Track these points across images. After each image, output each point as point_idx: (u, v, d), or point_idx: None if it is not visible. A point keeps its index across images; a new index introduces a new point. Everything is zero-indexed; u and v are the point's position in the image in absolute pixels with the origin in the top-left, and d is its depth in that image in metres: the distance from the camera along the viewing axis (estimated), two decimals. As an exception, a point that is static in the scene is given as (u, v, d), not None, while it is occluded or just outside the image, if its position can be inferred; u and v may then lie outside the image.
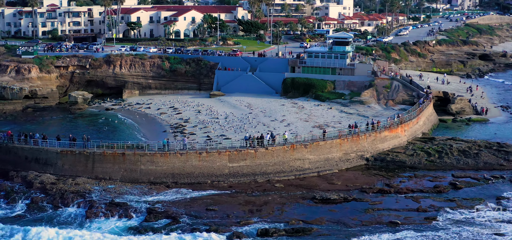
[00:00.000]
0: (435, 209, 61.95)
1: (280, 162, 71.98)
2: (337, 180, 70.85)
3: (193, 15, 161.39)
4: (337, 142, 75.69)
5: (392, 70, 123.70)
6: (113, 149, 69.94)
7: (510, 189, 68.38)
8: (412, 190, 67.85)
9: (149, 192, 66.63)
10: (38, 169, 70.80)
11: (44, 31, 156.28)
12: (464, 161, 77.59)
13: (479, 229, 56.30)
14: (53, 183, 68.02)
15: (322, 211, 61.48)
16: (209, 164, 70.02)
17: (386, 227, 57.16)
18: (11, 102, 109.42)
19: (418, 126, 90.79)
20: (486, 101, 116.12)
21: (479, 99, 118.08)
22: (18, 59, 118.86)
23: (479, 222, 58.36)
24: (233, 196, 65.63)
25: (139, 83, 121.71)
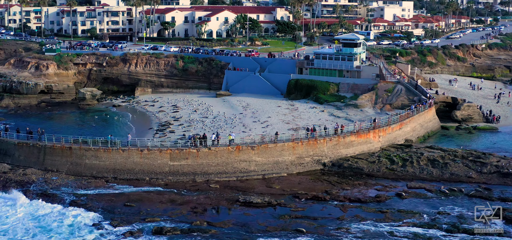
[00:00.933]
0: (359, 220, 58.31)
1: (223, 163, 70.83)
2: (277, 184, 68.66)
3: (226, 15, 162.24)
4: (289, 145, 73.31)
5: (406, 74, 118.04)
6: (61, 143, 71.73)
7: (456, 204, 62.84)
8: (349, 198, 64.34)
9: (86, 186, 67.91)
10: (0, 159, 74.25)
11: (83, 30, 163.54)
12: (429, 171, 72.55)
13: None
14: (5, 172, 71.19)
15: (235, 214, 59.81)
16: (150, 161, 70.26)
17: (288, 235, 54.66)
18: (26, 97, 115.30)
19: (402, 132, 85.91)
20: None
21: (505, 106, 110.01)
22: (40, 56, 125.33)
23: (388, 236, 54.25)
24: (160, 194, 65.48)
25: (152, 81, 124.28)
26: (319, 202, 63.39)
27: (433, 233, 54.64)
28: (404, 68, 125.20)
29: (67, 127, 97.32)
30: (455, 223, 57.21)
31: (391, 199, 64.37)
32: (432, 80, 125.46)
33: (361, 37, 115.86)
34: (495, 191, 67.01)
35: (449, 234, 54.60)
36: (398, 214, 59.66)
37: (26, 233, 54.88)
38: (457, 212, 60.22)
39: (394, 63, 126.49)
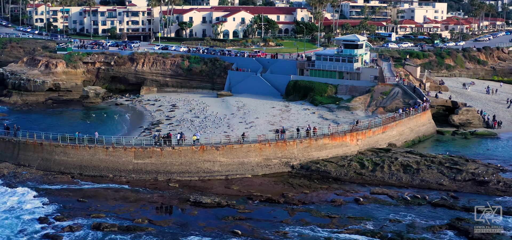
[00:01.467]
0: (302, 224, 57.06)
1: (187, 162, 70.72)
2: (236, 185, 67.98)
3: (242, 16, 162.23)
4: (256, 146, 72.46)
5: (414, 76, 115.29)
6: (34, 139, 73.37)
7: (413, 212, 60.55)
8: (303, 202, 63.02)
9: (52, 181, 69.24)
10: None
11: (104, 29, 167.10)
12: (399, 177, 70.21)
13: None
14: (-20, 166, 73.26)
15: (179, 214, 59.75)
16: (115, 159, 70.91)
17: (223, 235, 54.08)
18: (34, 94, 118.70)
19: (385, 136, 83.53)
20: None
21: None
22: (51, 54, 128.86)
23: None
24: (117, 191, 65.99)
25: (157, 81, 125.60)
26: (271, 204, 62.22)
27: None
28: (413, 70, 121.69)
29: (64, 124, 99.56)
30: (401, 231, 55.03)
31: (348, 204, 62.48)
32: (441, 83, 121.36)
33: (361, 39, 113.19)
34: (463, 199, 63.97)
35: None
36: (346, 220, 57.93)
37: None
38: (409, 221, 57.85)
39: (403, 65, 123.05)
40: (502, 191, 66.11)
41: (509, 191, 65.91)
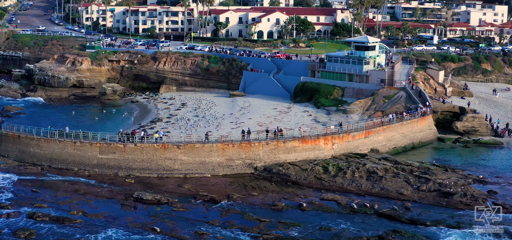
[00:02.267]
0: (229, 226, 56.30)
1: (148, 159, 71.53)
2: (189, 184, 67.99)
3: (277, 17, 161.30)
4: (218, 146, 72.04)
5: (436, 80, 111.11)
6: (13, 131, 76.90)
7: (351, 221, 57.97)
8: (252, 204, 62.09)
9: (22, 172, 72.08)
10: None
11: (144, 29, 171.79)
12: (359, 183, 67.49)
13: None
14: (-37, 156, 77.70)
15: (114, 208, 60.52)
16: (82, 153, 72.92)
17: (141, 231, 54.46)
18: (58, 90, 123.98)
19: (368, 141, 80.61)
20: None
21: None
22: (78, 52, 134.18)
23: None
24: (73, 184, 67.81)
25: (176, 80, 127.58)
26: (211, 204, 61.70)
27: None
28: (435, 74, 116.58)
29: (74, 119, 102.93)
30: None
31: (289, 209, 60.78)
32: (465, 88, 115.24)
33: (373, 40, 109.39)
34: (416, 211, 60.47)
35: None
36: (274, 225, 56.49)
37: None
38: (340, 229, 55.49)
39: (424, 69, 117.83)
40: (465, 204, 61.75)
41: (472, 204, 61.27)
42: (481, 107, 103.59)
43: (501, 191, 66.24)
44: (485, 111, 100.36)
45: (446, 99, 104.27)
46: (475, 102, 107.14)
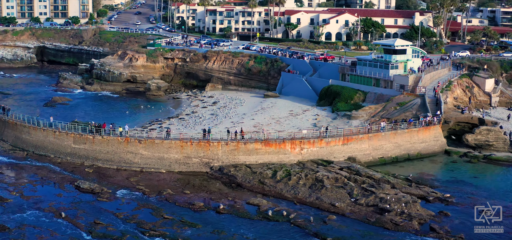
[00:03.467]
0: (129, 220, 57.51)
1: (112, 152, 74.53)
2: (135, 178, 69.90)
3: (346, 18, 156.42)
4: (177, 143, 73.01)
5: (482, 88, 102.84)
6: (12, 119, 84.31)
7: (255, 228, 56.13)
8: (167, 200, 62.89)
9: (9, 155, 79.01)
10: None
11: (221, 28, 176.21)
12: (297, 191, 64.89)
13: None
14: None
15: (49, 193, 64.14)
16: (60, 142, 78.01)
17: (52, 215, 57.59)
18: (112, 84, 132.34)
19: (347, 148, 76.52)
20: None
21: None
22: (138, 49, 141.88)
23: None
24: (39, 168, 73.37)
25: (222, 79, 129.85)
26: (139, 199, 62.99)
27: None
28: (481, 82, 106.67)
29: (111, 111, 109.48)
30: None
31: (206, 211, 60.19)
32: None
33: (402, 43, 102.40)
34: (336, 224, 56.84)
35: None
36: (173, 222, 56.48)
37: None
38: (232, 234, 54.08)
39: (470, 76, 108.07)
40: (394, 224, 56.50)
41: (403, 226, 55.99)
42: (492, 119, 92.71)
43: (454, 215, 59.49)
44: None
45: (486, 109, 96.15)
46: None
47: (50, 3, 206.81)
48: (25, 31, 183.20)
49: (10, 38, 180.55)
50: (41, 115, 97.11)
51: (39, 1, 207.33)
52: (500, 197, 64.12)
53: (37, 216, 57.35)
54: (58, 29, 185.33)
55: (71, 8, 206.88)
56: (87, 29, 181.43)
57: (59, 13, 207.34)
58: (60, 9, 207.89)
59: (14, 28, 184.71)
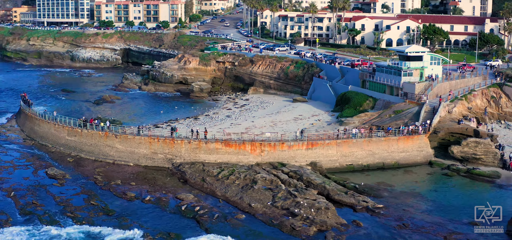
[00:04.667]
0: (56, 202, 63.83)
1: (94, 144, 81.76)
2: (102, 169, 76.08)
3: (407, 25, 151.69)
4: (146, 140, 78.47)
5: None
6: (30, 112, 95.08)
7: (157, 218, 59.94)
8: (109, 190, 68.57)
9: (19, 142, 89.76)
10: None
11: (291, 33, 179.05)
12: (227, 190, 67.37)
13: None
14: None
15: (18, 177, 72.42)
16: (57, 133, 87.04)
17: (5, 194, 65.70)
18: (164, 85, 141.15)
19: (310, 153, 76.84)
20: None
21: None
22: (193, 52, 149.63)
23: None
24: (31, 155, 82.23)
25: (264, 82, 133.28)
26: (87, 188, 69.12)
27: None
28: (510, 92, 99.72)
29: (147, 109, 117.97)
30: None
31: (135, 200, 64.95)
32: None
33: (416, 49, 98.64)
34: (231, 225, 58.78)
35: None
36: (90, 207, 61.77)
37: None
38: (134, 220, 58.32)
39: (501, 86, 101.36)
40: (292, 228, 57.17)
41: (298, 231, 56.55)
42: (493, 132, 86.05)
43: (366, 225, 58.32)
44: None
45: (509, 121, 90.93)
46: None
47: (143, 8, 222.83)
48: (114, 34, 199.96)
49: (100, 41, 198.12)
50: (87, 112, 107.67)
51: (134, 6, 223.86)
52: (435, 213, 61.12)
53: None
54: (144, 33, 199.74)
55: (162, 13, 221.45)
56: (168, 33, 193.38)
57: (151, 17, 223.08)
58: (152, 13, 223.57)
59: (105, 31, 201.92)
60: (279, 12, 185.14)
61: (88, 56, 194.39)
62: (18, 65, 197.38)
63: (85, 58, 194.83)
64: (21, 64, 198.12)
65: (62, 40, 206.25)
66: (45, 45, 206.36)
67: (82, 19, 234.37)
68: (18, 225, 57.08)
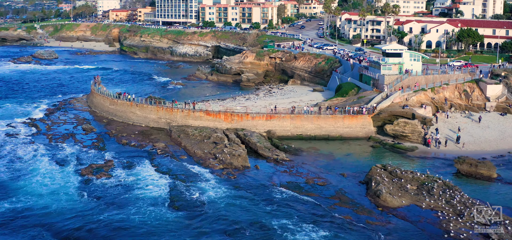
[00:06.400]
0: (73, 143, 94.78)
1: (123, 110, 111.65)
2: (119, 127, 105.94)
3: (445, 28, 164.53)
4: (154, 108, 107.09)
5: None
6: (95, 91, 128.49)
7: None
8: (118, 143, 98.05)
9: (84, 111, 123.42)
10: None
11: (354, 35, 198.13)
12: (187, 142, 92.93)
13: None
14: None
15: (62, 129, 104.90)
16: (103, 103, 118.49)
17: (48, 139, 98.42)
18: (224, 75, 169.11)
19: (269, 124, 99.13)
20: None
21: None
22: (252, 49, 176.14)
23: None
24: (83, 118, 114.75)
25: (301, 75, 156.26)
26: (97, 139, 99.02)
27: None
28: (484, 87, 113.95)
29: (197, 92, 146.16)
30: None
31: (125, 145, 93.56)
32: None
33: (392, 47, 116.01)
34: (161, 156, 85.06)
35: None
36: (89, 144, 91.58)
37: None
38: (110, 155, 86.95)
39: (477, 82, 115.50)
40: (208, 165, 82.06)
41: (211, 166, 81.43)
42: (471, 124, 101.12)
43: (263, 169, 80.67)
44: (472, 127, 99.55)
45: (474, 112, 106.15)
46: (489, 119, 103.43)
47: (239, 11, 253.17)
48: (208, 33, 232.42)
49: (196, 38, 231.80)
50: (152, 93, 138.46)
51: (232, 9, 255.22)
52: (326, 168, 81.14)
53: (43, 138, 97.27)
54: (233, 32, 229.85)
55: (254, 15, 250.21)
56: (252, 33, 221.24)
57: (245, 19, 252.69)
58: (246, 16, 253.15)
59: (201, 30, 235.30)
60: (346, 15, 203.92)
61: (184, 52, 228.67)
62: (129, 57, 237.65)
63: (181, 53, 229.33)
64: (131, 57, 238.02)
65: (167, 37, 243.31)
66: (153, 41, 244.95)
67: (190, 20, 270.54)
68: (44, 145, 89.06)
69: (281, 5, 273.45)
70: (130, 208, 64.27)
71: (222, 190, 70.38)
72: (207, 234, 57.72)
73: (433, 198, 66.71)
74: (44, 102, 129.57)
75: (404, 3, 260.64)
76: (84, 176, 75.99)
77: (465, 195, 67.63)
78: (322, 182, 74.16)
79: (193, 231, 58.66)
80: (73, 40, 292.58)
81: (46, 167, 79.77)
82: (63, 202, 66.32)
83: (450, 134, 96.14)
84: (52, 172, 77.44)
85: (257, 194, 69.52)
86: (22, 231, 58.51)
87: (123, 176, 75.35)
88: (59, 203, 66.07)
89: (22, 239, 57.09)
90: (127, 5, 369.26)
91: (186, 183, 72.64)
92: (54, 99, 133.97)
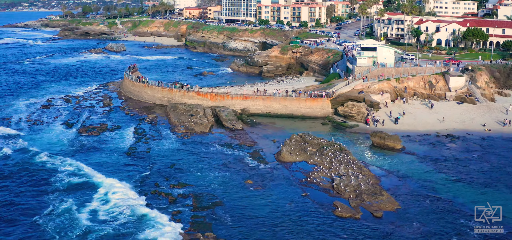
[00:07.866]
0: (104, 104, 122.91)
1: (139, 91, 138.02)
2: (132, 103, 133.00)
3: (454, 27, 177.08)
4: (159, 88, 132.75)
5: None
6: (127, 78, 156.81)
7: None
8: (124, 110, 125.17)
9: (115, 93, 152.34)
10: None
11: (381, 33, 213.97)
12: (174, 115, 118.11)
13: None
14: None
15: (86, 102, 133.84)
16: (128, 85, 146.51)
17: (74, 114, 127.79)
18: (251, 67, 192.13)
19: (244, 103, 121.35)
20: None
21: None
22: (281, 45, 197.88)
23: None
24: (112, 97, 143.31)
25: (313, 68, 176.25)
26: (121, 109, 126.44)
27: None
28: (448, 79, 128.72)
29: (223, 80, 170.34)
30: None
31: (132, 116, 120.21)
32: (469, 96, 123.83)
33: (373, 43, 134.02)
34: (148, 124, 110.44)
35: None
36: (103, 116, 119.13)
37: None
38: (116, 121, 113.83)
39: (444, 74, 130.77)
40: (175, 130, 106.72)
41: (176, 130, 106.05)
42: (423, 109, 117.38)
43: (217, 134, 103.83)
44: (422, 112, 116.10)
45: (434, 100, 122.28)
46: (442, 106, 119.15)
47: (290, 10, 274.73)
48: (258, 30, 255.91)
49: (247, 35, 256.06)
50: (183, 80, 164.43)
51: (284, 9, 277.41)
52: (271, 137, 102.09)
53: (70, 109, 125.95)
54: (279, 30, 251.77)
55: (303, 14, 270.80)
56: (293, 30, 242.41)
57: (295, 18, 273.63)
58: (296, 15, 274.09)
59: (252, 27, 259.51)
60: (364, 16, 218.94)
61: (235, 47, 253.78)
62: (189, 51, 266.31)
63: (232, 48, 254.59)
64: (191, 51, 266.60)
65: (223, 34, 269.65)
66: (210, 37, 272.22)
67: (250, 18, 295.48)
68: (66, 114, 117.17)
69: (331, 5, 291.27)
70: (96, 154, 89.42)
71: (171, 144, 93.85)
72: (146, 174, 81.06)
73: (322, 157, 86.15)
74: (87, 85, 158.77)
75: (453, 4, 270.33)
76: (81, 134, 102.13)
77: (352, 156, 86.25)
78: (250, 144, 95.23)
79: (135, 168, 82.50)
80: (147, 35, 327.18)
81: (57, 127, 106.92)
82: (55, 147, 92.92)
83: (398, 116, 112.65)
84: (59, 130, 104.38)
85: (195, 148, 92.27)
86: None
87: (107, 134, 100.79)
88: (52, 147, 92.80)
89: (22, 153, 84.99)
90: (202, 3, 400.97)
91: (149, 140, 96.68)
92: (98, 83, 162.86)
